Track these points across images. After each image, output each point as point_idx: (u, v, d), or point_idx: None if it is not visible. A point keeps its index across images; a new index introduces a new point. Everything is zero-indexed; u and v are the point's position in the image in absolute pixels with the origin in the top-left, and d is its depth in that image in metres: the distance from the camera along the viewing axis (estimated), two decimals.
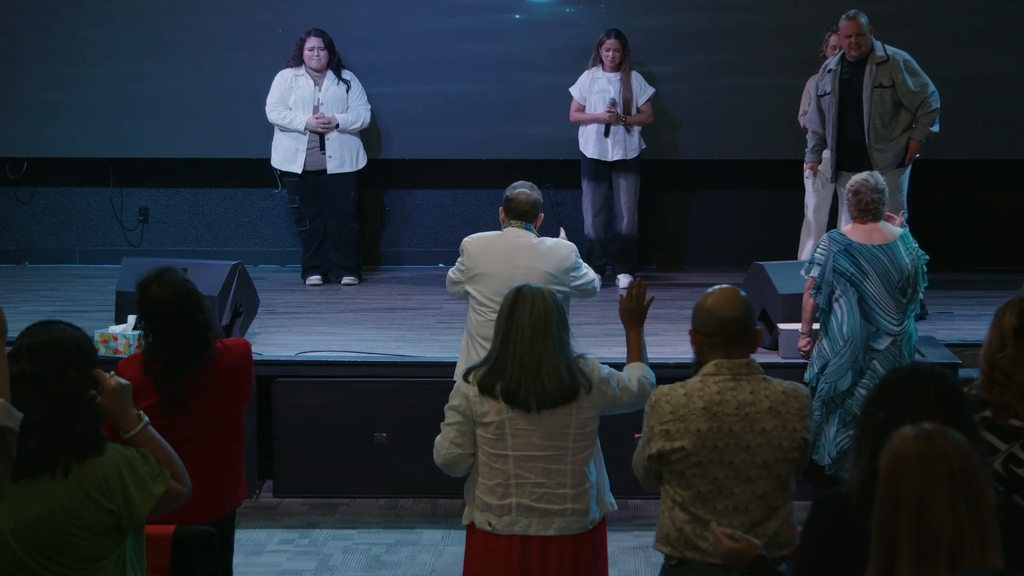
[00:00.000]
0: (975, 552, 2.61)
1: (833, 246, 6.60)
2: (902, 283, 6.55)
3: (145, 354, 4.74)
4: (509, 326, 4.47)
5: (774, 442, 4.01)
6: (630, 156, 9.45)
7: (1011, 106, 9.70)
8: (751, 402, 4.02)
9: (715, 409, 4.01)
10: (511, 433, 4.48)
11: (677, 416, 4.02)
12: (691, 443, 4.00)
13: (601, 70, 9.44)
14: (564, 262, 6.03)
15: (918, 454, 2.66)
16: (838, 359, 6.60)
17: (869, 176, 6.68)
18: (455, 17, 10.00)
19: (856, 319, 6.55)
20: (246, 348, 4.91)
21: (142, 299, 4.69)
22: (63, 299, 9.14)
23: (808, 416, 4.08)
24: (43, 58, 10.10)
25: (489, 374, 4.48)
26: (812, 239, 9.21)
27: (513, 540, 4.52)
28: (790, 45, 9.62)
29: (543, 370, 4.43)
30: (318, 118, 9.40)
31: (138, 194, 10.56)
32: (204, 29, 10.04)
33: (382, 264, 10.46)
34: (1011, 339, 3.85)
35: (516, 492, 4.50)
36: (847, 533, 3.21)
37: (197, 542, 4.25)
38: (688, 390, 4.06)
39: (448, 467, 4.63)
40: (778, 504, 4.06)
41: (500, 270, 5.98)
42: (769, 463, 4.02)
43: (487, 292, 6.01)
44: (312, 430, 7.39)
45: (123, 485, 3.55)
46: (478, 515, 4.59)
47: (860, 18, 8.29)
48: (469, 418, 4.51)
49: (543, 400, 4.43)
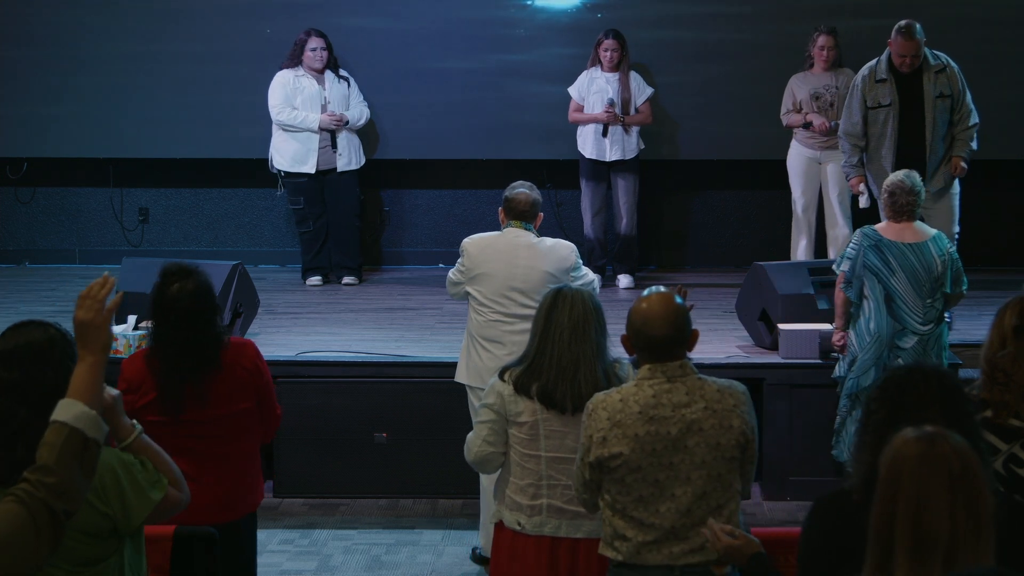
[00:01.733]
0: (970, 555, 2.62)
1: (864, 241, 6.59)
2: (930, 283, 6.52)
3: (149, 350, 4.75)
4: (548, 326, 4.44)
5: (711, 440, 4.00)
6: (628, 156, 9.45)
7: (1012, 106, 9.69)
8: (686, 403, 4.01)
9: (651, 413, 4.00)
10: (545, 434, 4.47)
11: (614, 422, 4.01)
12: (629, 448, 3.99)
13: (599, 70, 9.44)
14: (564, 262, 6.04)
15: (918, 456, 2.66)
16: (864, 355, 6.60)
17: (905, 177, 6.63)
18: (455, 17, 10.00)
19: (883, 316, 6.54)
20: (251, 349, 4.88)
21: (159, 295, 4.70)
22: (63, 299, 9.13)
23: (747, 412, 4.06)
24: (43, 58, 10.10)
25: (525, 374, 4.46)
26: (804, 238, 9.22)
27: (542, 541, 4.51)
28: (788, 44, 9.61)
29: (580, 373, 4.41)
30: (331, 116, 9.40)
31: (138, 194, 10.56)
32: (204, 29, 10.04)
33: (382, 264, 10.46)
34: (1011, 338, 3.86)
35: (547, 493, 4.50)
36: (847, 532, 3.20)
37: (197, 542, 4.24)
38: (624, 395, 4.05)
39: (479, 465, 4.62)
40: (720, 503, 4.03)
41: (500, 270, 5.99)
42: (708, 462, 4.00)
43: (488, 292, 6.01)
44: (312, 430, 7.39)
45: (119, 490, 3.54)
46: (507, 514, 4.57)
47: (916, 34, 7.89)
48: (503, 416, 4.50)
49: (578, 403, 4.38)
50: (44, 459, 3.02)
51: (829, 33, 9.10)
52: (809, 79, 9.13)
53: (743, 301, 7.85)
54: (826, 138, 9.04)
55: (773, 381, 7.35)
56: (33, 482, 2.99)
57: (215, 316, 4.74)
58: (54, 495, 3.00)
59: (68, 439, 3.04)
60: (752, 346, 7.71)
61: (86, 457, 3.06)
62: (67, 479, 3.01)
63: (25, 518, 2.97)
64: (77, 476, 3.05)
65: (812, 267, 7.86)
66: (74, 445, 3.05)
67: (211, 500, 4.67)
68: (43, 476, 3.00)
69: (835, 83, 9.06)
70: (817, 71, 9.14)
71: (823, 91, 9.05)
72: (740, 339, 7.83)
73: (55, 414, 3.08)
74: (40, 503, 2.98)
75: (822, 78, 9.10)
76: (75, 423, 3.06)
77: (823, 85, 9.07)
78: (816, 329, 7.31)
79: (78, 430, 3.06)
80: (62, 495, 3.01)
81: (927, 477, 2.64)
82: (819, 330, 7.30)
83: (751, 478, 4.12)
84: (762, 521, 7.04)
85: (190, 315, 4.66)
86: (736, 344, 7.75)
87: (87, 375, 3.15)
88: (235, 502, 4.82)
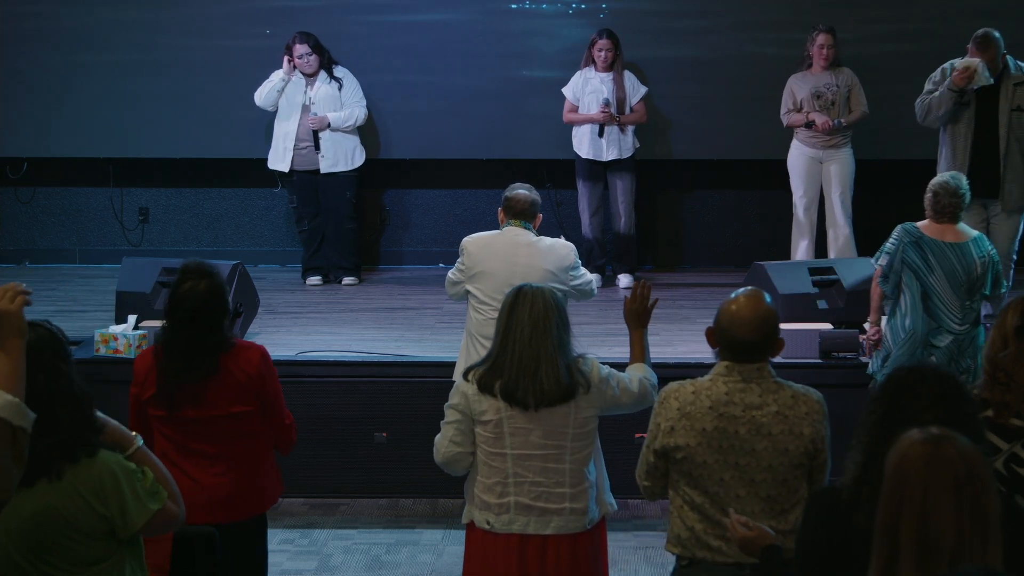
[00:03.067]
0: (976, 558, 2.61)
1: (904, 236, 6.56)
2: (968, 284, 6.48)
3: (157, 347, 4.77)
4: (509, 325, 4.47)
5: (779, 446, 4.00)
6: (625, 156, 9.45)
7: None
8: (758, 405, 4.01)
9: (722, 409, 4.01)
10: (509, 432, 4.48)
11: (684, 413, 4.02)
12: (696, 441, 4.00)
13: (593, 70, 9.44)
14: (563, 260, 6.06)
15: (924, 458, 2.66)
16: (897, 351, 6.58)
17: (951, 179, 6.58)
18: (455, 17, 10.00)
19: (919, 314, 6.51)
20: (263, 354, 4.86)
21: (172, 292, 4.73)
22: (63, 299, 9.13)
23: (820, 420, 4.04)
24: (43, 58, 10.10)
25: (488, 372, 4.48)
26: (805, 238, 9.22)
27: (511, 539, 4.52)
28: (786, 43, 9.62)
29: (542, 369, 4.42)
30: (311, 120, 9.39)
31: (138, 194, 10.56)
32: (204, 29, 10.04)
33: (382, 264, 10.46)
34: (1013, 339, 3.86)
35: (514, 491, 4.50)
36: (838, 529, 3.22)
37: (198, 542, 4.24)
38: (697, 388, 4.06)
39: (447, 466, 4.63)
40: (785, 508, 4.04)
41: (500, 269, 6.01)
42: (775, 467, 4.01)
43: (488, 291, 6.01)
44: (312, 430, 7.37)
45: (119, 493, 3.53)
46: (477, 513, 4.59)
47: (994, 44, 7.74)
48: (468, 416, 4.51)
49: (541, 399, 4.43)
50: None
51: (828, 32, 9.10)
52: (809, 78, 9.13)
53: None
54: (828, 137, 9.04)
55: None
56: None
57: (222, 319, 4.74)
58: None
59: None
60: None
61: (15, 445, 3.01)
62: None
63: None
64: (7, 464, 3.01)
65: (812, 267, 7.86)
66: (1, 434, 3.02)
67: (208, 499, 4.68)
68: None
69: (835, 82, 9.06)
70: (816, 70, 9.14)
71: (824, 90, 9.05)
72: None
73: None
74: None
75: (822, 77, 9.10)
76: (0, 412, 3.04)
77: (823, 84, 9.07)
78: (816, 329, 7.31)
79: (3, 419, 3.03)
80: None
81: (933, 480, 2.63)
82: (819, 330, 7.30)
83: (822, 485, 4.09)
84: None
85: (196, 315, 4.67)
86: None
87: (5, 362, 3.10)
88: (237, 503, 4.81)
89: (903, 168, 9.69)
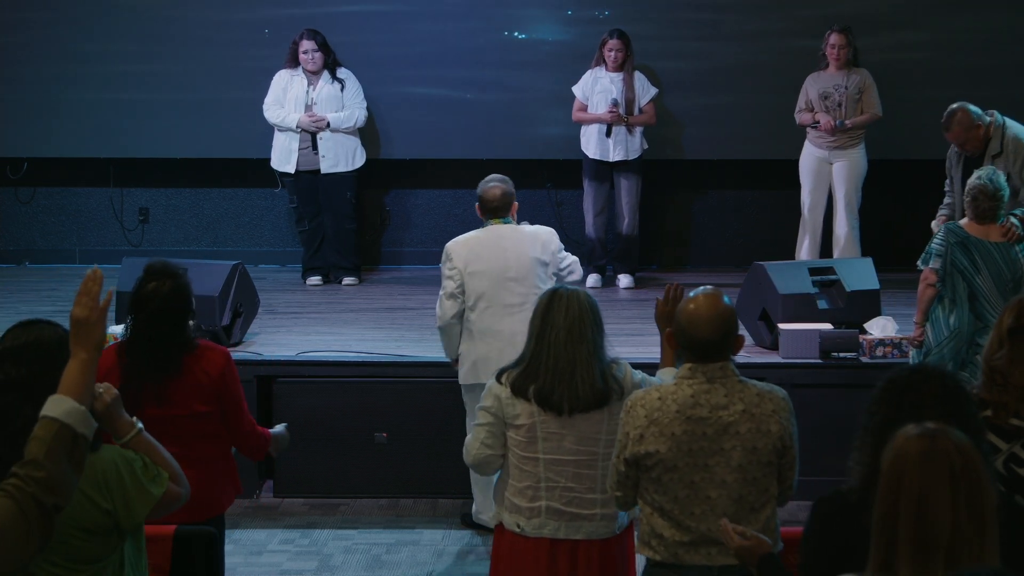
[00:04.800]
0: (974, 552, 2.61)
1: (951, 238, 6.56)
2: (1014, 282, 6.49)
3: (121, 345, 4.78)
4: (544, 328, 4.43)
5: (747, 444, 4.00)
6: (632, 157, 9.45)
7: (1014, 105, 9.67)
8: (724, 405, 4.01)
9: (689, 412, 4.00)
10: (542, 436, 4.45)
11: (651, 420, 4.01)
12: (665, 447, 3.99)
13: (604, 70, 9.44)
14: (549, 244, 6.27)
15: (920, 452, 2.66)
16: (939, 350, 6.56)
17: (988, 182, 6.57)
18: (456, 16, 10.00)
19: (964, 312, 6.51)
20: (227, 357, 4.87)
21: (136, 291, 4.75)
22: (63, 299, 9.12)
23: (786, 417, 4.05)
24: (43, 58, 10.10)
25: (522, 376, 4.45)
26: (809, 238, 9.22)
27: (541, 543, 4.50)
28: (792, 44, 9.62)
29: (577, 374, 4.39)
30: (310, 116, 9.40)
31: (138, 194, 10.56)
32: (204, 29, 10.04)
33: (382, 264, 10.45)
34: (1007, 340, 3.86)
35: (546, 495, 4.49)
36: (847, 532, 3.21)
37: (198, 542, 4.24)
38: (663, 394, 4.05)
39: (478, 467, 4.62)
40: (756, 507, 4.04)
41: (492, 264, 6.17)
42: (744, 466, 4.00)
43: (482, 287, 6.16)
44: (312, 430, 7.38)
45: (121, 485, 3.54)
46: (507, 516, 4.56)
47: (956, 123, 7.28)
48: (500, 419, 4.48)
49: (576, 404, 4.40)
50: (33, 454, 3.02)
51: (842, 32, 9.09)
52: (822, 78, 9.14)
53: (743, 301, 7.84)
54: (834, 138, 9.04)
55: (773, 381, 7.28)
56: (23, 476, 2.99)
57: (185, 320, 4.76)
58: (44, 490, 2.99)
59: (58, 434, 3.04)
60: (752, 346, 7.70)
61: (75, 452, 3.05)
62: (57, 474, 3.01)
63: (15, 512, 2.96)
64: (67, 471, 3.05)
65: (813, 267, 7.86)
66: (64, 440, 3.05)
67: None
68: (32, 471, 3.00)
69: (845, 83, 9.06)
70: (831, 70, 9.14)
71: (832, 91, 9.06)
72: None
73: (45, 409, 3.08)
74: (29, 498, 2.98)
75: (834, 77, 9.11)
76: (65, 418, 3.06)
77: (833, 85, 9.07)
78: (816, 329, 7.31)
79: (68, 425, 3.06)
80: (52, 490, 3.00)
81: (929, 474, 2.64)
82: (819, 330, 7.30)
83: (791, 484, 4.11)
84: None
85: (159, 315, 4.70)
86: None
87: (78, 372, 3.15)
88: (196, 504, 4.78)
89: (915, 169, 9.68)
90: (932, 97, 8.96)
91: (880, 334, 7.37)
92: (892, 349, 7.27)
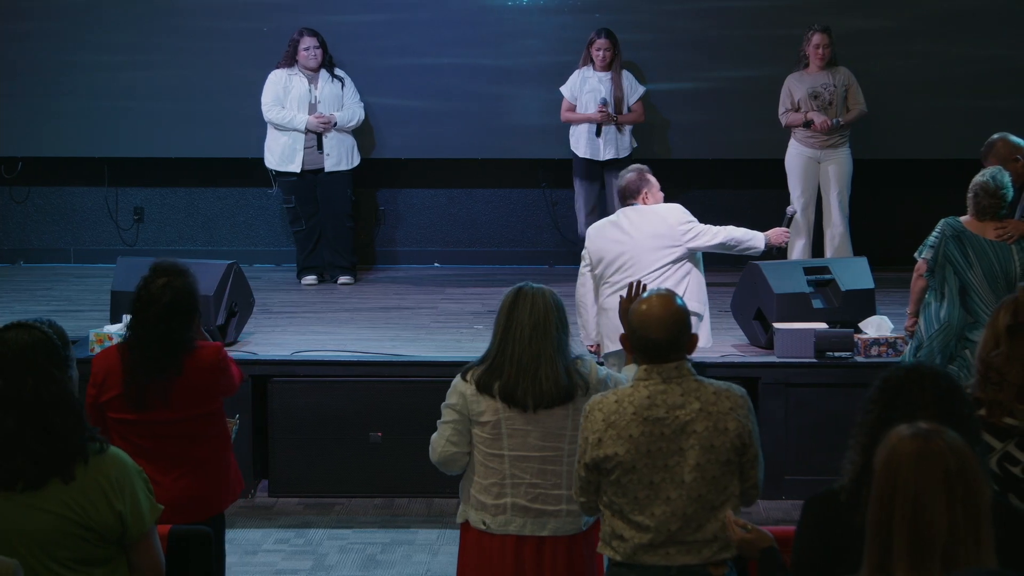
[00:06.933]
0: (969, 552, 2.61)
1: (947, 231, 6.57)
2: (1006, 282, 6.46)
3: (122, 346, 4.76)
4: (508, 325, 4.46)
5: (705, 443, 3.99)
6: (622, 155, 9.45)
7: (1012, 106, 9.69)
8: (681, 404, 4.01)
9: (646, 414, 4.00)
10: (507, 433, 4.47)
11: (609, 423, 4.02)
12: (624, 449, 3.99)
13: (592, 69, 9.44)
14: (669, 218, 6.65)
15: (914, 453, 2.66)
16: (930, 342, 6.57)
17: (990, 180, 6.56)
18: (451, 16, 10.00)
19: (955, 306, 6.50)
20: (217, 353, 4.85)
21: (142, 290, 4.70)
22: (58, 299, 9.13)
23: (744, 415, 4.04)
24: (38, 58, 10.10)
25: (487, 373, 4.47)
26: (801, 238, 9.22)
27: (507, 540, 4.52)
28: (782, 44, 9.62)
29: (541, 370, 4.41)
30: (318, 117, 9.40)
31: (133, 193, 10.55)
32: (199, 29, 10.04)
33: (377, 264, 10.45)
34: (1004, 338, 3.86)
35: (511, 492, 4.50)
36: (837, 531, 3.22)
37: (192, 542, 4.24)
38: (620, 397, 4.05)
39: (443, 465, 4.63)
40: (716, 506, 4.03)
41: (612, 243, 6.59)
42: (703, 465, 4.00)
43: (603, 269, 6.57)
44: (307, 430, 7.39)
45: (132, 488, 3.53)
46: (473, 514, 4.59)
47: (994, 153, 7.02)
48: (466, 416, 4.50)
49: (540, 400, 4.42)
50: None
51: (823, 31, 9.10)
52: (806, 78, 9.14)
53: (738, 300, 7.85)
54: (826, 137, 9.05)
55: (768, 380, 7.35)
56: None
57: (191, 320, 4.73)
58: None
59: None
60: (747, 345, 7.71)
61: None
62: None
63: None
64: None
65: (807, 266, 7.87)
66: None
67: (169, 502, 4.66)
68: None
69: (832, 81, 9.07)
70: (813, 70, 9.14)
71: (821, 89, 9.06)
72: (735, 338, 7.83)
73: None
74: None
75: (819, 77, 9.11)
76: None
77: (821, 84, 9.07)
78: (811, 328, 7.31)
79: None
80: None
81: (923, 474, 2.64)
82: (814, 329, 7.30)
83: (756, 482, 4.08)
84: (758, 520, 7.04)
85: (167, 314, 4.65)
86: (731, 343, 7.76)
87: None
88: (198, 504, 4.79)
89: (907, 167, 9.69)
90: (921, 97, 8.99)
91: (875, 333, 7.38)
92: (887, 348, 7.29)
